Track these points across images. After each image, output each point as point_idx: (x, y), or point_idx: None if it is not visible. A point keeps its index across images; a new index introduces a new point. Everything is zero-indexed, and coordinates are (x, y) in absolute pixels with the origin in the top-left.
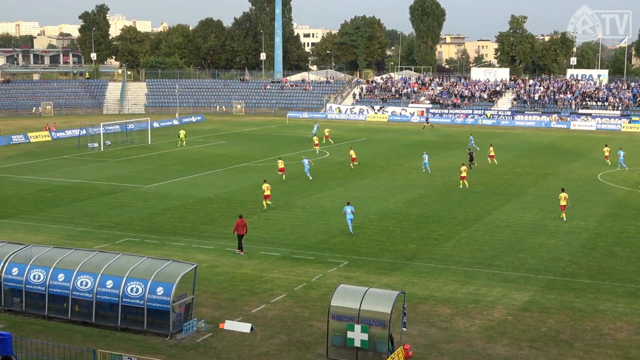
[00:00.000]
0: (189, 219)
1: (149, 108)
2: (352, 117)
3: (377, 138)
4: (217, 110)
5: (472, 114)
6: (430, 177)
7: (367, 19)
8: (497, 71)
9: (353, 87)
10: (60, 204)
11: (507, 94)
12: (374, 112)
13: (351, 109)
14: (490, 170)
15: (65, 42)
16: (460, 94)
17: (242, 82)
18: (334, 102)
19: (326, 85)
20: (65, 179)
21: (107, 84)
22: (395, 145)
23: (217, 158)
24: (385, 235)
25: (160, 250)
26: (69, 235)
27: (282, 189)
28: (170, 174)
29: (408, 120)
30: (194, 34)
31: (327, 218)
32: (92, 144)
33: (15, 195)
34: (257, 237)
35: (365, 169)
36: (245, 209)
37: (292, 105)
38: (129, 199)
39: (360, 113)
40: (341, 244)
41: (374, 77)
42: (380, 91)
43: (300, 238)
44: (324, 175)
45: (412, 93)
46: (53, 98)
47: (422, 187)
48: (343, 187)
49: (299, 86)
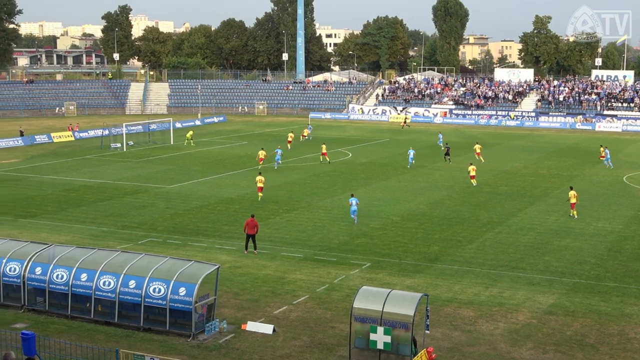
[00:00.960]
0: (211, 219)
1: (171, 108)
2: (375, 118)
3: (399, 139)
4: (239, 111)
5: (495, 115)
6: (453, 178)
7: (389, 19)
8: (521, 72)
9: (375, 87)
10: (83, 204)
11: (531, 94)
12: (397, 112)
13: (374, 109)
14: (513, 171)
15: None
16: (483, 95)
17: (264, 82)
18: (356, 102)
19: (348, 86)
20: (88, 179)
21: (130, 84)
22: (417, 147)
23: (239, 159)
24: (408, 236)
25: (183, 251)
26: (92, 235)
27: (304, 190)
28: (192, 175)
29: (431, 121)
30: (216, 34)
31: (349, 219)
32: (115, 144)
33: (38, 195)
34: (280, 238)
35: (388, 170)
36: (267, 210)
37: (314, 106)
38: (152, 199)
39: (383, 114)
40: (364, 246)
41: (397, 78)
42: (402, 92)
43: (323, 239)
44: (346, 176)
45: (435, 94)
46: (76, 98)
47: (446, 188)
48: (365, 188)
49: (321, 87)
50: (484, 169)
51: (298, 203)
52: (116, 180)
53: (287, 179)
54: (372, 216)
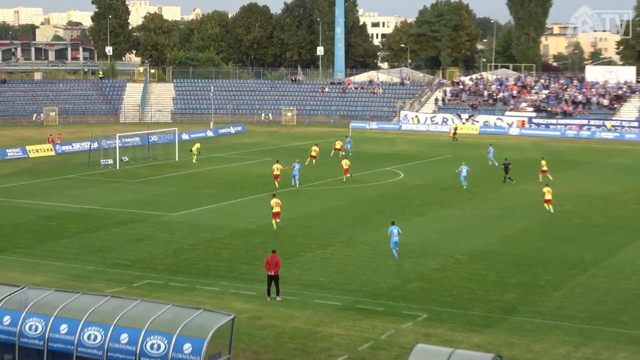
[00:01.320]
0: (225, 256)
1: (177, 116)
2: (433, 128)
3: (465, 155)
4: (262, 119)
5: (587, 125)
6: (533, 205)
7: (452, 4)
8: (620, 70)
9: (434, 90)
10: (65, 235)
11: (632, 99)
12: (461, 121)
13: (432, 117)
14: (610, 197)
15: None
16: (572, 100)
17: (294, 83)
18: (409, 109)
19: (400, 87)
20: (72, 204)
21: (126, 85)
22: (488, 165)
23: (261, 179)
24: (476, 280)
25: (189, 297)
26: (75, 275)
27: (343, 220)
28: (202, 199)
29: (505, 133)
30: (233, 23)
31: (400, 258)
32: (106, 160)
33: (9, 224)
34: (312, 281)
35: (449, 195)
36: (296, 244)
37: (356, 113)
38: (151, 230)
39: (444, 123)
40: (419, 292)
41: (461, 78)
42: (469, 95)
43: (367, 283)
44: (397, 201)
45: (510, 98)
46: (58, 102)
47: (524, 218)
48: (422, 217)
49: (365, 89)
50: (572, 194)
51: (335, 236)
52: (106, 205)
53: (320, 206)
54: (429, 254)
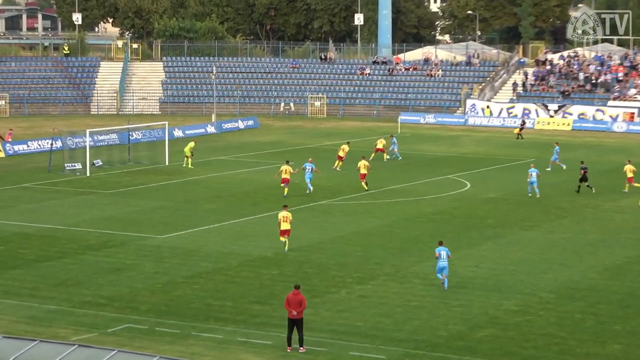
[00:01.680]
0: (230, 293)
1: (168, 105)
2: (510, 122)
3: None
4: (281, 110)
5: None
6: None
7: None
8: None
9: (512, 71)
10: (17, 264)
11: None
12: (548, 114)
13: (508, 108)
14: None
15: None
16: None
17: (324, 62)
18: (478, 97)
19: (466, 68)
20: (26, 223)
21: (99, 64)
22: (590, 171)
23: (278, 190)
24: (569, 326)
25: (182, 347)
26: (31, 317)
27: (388, 245)
28: (200, 217)
29: (608, 129)
30: None
31: (466, 295)
32: (72, 164)
33: None
34: (347, 327)
35: (532, 212)
36: (326, 277)
37: (407, 103)
38: (132, 257)
39: (525, 116)
40: (491, 342)
41: (549, 55)
42: (559, 79)
43: (420, 329)
44: (461, 221)
45: (615, 82)
46: (9, 88)
47: (632, 243)
48: (495, 242)
49: (419, 70)
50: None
51: (378, 267)
52: (73, 225)
53: (359, 226)
54: (505, 291)
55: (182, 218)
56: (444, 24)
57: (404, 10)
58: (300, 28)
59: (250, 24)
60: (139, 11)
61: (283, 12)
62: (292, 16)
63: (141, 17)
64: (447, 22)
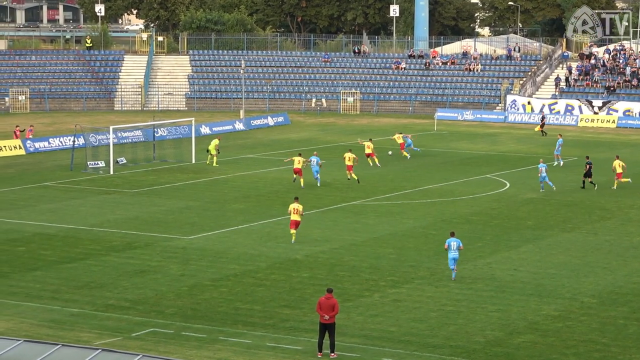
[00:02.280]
0: (259, 296)
1: (194, 101)
2: (553, 119)
3: (598, 158)
4: (313, 106)
5: None
6: None
7: None
8: None
9: (555, 66)
10: (38, 265)
11: None
12: (592, 110)
13: (551, 105)
14: None
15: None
16: None
17: (357, 56)
18: (519, 92)
19: (506, 62)
20: (48, 223)
21: (123, 58)
22: (631, 172)
23: (310, 191)
24: (611, 333)
25: (209, 351)
26: (53, 320)
27: (423, 247)
28: (228, 218)
29: None
30: None
31: (504, 300)
32: (95, 162)
33: None
34: (380, 332)
35: (574, 213)
36: (359, 280)
37: (444, 99)
38: (157, 259)
39: (568, 113)
40: (529, 348)
41: (594, 49)
42: (604, 73)
43: (457, 335)
44: (500, 222)
45: None
46: (30, 82)
47: None
48: (535, 244)
49: (457, 64)
50: None
51: (413, 270)
52: (96, 225)
53: (393, 227)
54: (545, 295)
55: (210, 218)
56: (484, 16)
57: (442, 2)
58: (333, 20)
59: (280, 16)
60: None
61: (315, 4)
62: (325, 7)
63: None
64: (487, 13)
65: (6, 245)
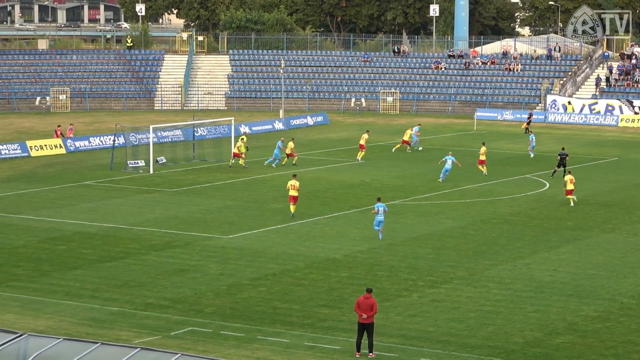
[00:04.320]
0: (298, 296)
1: (234, 100)
2: (593, 120)
3: (636, 159)
4: (352, 106)
5: None
6: None
7: None
8: None
9: (596, 65)
10: (79, 264)
11: None
12: (633, 111)
13: (591, 105)
14: None
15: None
16: None
17: (397, 56)
18: (559, 92)
19: (547, 62)
20: (88, 222)
21: (163, 57)
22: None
23: (349, 190)
24: None
25: (248, 350)
26: (92, 318)
27: (463, 248)
28: (267, 217)
29: None
30: None
31: (543, 300)
32: (135, 161)
33: (4, 247)
34: (418, 332)
35: (614, 213)
36: (397, 280)
37: (484, 99)
38: (196, 258)
39: (609, 113)
40: (569, 349)
41: (635, 49)
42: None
43: (495, 335)
44: (540, 222)
45: None
46: (70, 81)
47: None
48: (574, 245)
49: (497, 64)
50: None
51: (452, 270)
52: (135, 224)
53: (432, 227)
54: (584, 296)
55: (248, 218)
56: (524, 16)
57: (482, 1)
58: (373, 20)
59: (320, 16)
60: (205, 2)
61: (354, 3)
62: (364, 7)
63: (207, 8)
64: (527, 13)
65: (47, 244)
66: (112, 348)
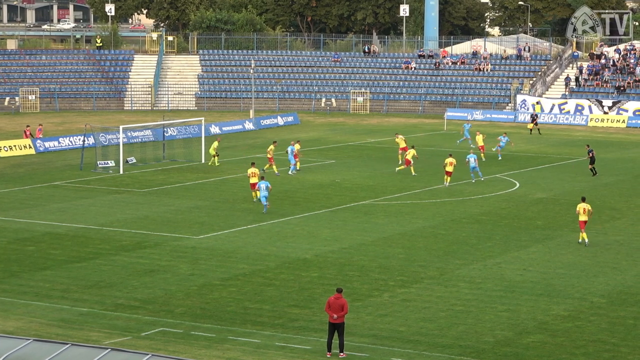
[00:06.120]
0: (268, 296)
1: (204, 100)
2: (563, 119)
3: (606, 158)
4: (322, 106)
5: None
6: None
7: None
8: None
9: (565, 65)
10: (48, 265)
11: None
12: (602, 110)
13: (561, 105)
14: None
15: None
16: None
17: (367, 56)
18: (529, 92)
19: (516, 62)
20: (58, 222)
21: (133, 57)
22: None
23: (319, 190)
24: (621, 333)
25: (218, 351)
26: (62, 319)
27: (434, 248)
28: (237, 217)
29: None
30: None
31: (513, 300)
32: (105, 162)
33: None
34: (389, 332)
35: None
36: (368, 280)
37: (454, 99)
38: (166, 258)
39: (578, 113)
40: (539, 348)
41: (604, 49)
42: (614, 73)
43: (466, 335)
44: (510, 222)
45: None
46: (39, 81)
47: None
48: (545, 244)
49: (467, 64)
50: None
51: (423, 270)
52: (105, 225)
53: (401, 227)
54: (554, 295)
55: (219, 218)
56: (494, 16)
57: (452, 1)
58: (343, 20)
59: (290, 16)
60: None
61: (325, 3)
62: (334, 7)
63: (176, 8)
64: (497, 13)
65: (16, 244)
66: (83, 349)
